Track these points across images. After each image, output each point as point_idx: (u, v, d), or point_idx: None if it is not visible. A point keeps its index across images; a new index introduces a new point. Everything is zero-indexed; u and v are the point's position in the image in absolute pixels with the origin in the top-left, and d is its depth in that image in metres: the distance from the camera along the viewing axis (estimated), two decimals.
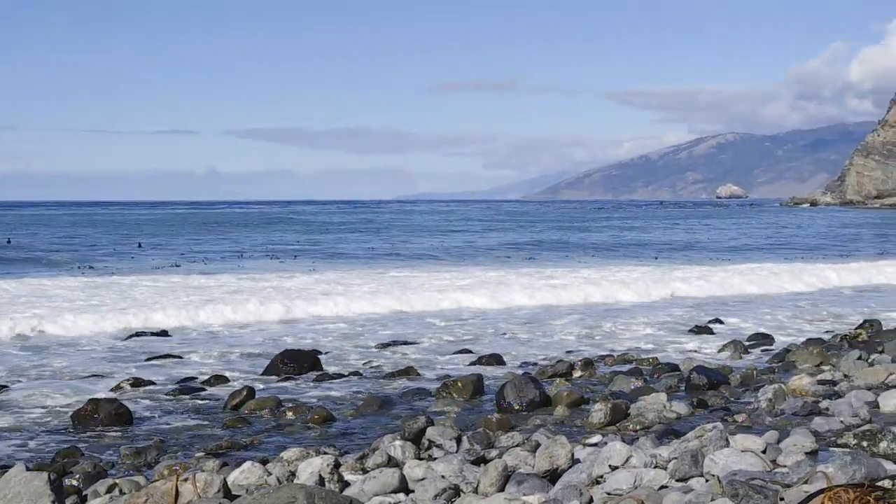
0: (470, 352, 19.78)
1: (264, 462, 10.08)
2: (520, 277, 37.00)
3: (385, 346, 20.72)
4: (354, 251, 56.60)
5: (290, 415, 13.85)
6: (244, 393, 14.71)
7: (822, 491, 5.94)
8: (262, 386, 16.23)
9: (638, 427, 12.16)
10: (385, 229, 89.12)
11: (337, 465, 9.49)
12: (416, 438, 10.87)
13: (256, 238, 71.98)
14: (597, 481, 8.72)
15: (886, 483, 7.35)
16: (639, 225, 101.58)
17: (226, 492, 8.73)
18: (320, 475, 9.21)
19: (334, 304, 27.57)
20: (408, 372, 17.26)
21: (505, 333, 22.84)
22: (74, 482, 10.17)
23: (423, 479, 9.03)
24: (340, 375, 17.22)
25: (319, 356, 18.75)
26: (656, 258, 51.06)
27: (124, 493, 9.25)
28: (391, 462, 10.02)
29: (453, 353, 19.81)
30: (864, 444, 9.52)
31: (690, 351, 19.84)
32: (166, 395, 15.60)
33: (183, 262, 47.23)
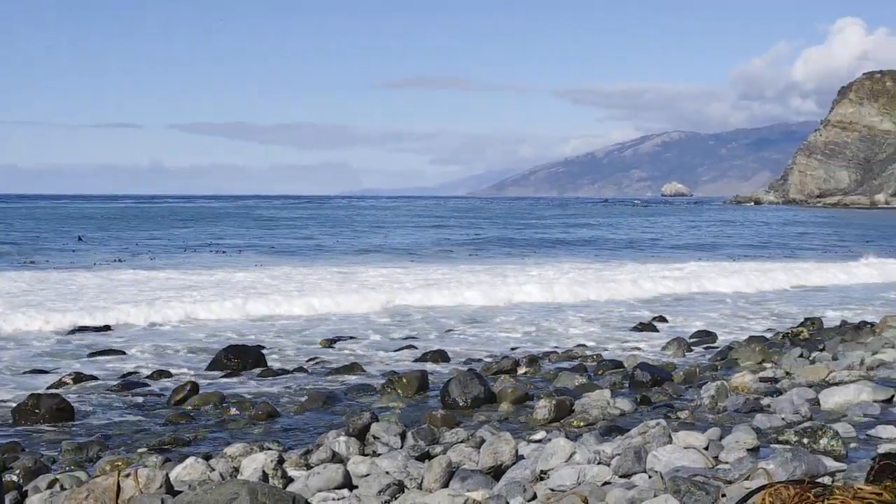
0: (415, 348, 19.79)
1: (207, 458, 10.03)
2: (466, 274, 37.06)
3: (330, 342, 20.65)
4: (300, 247, 56.40)
5: (233, 410, 13.78)
6: (188, 388, 14.61)
7: (762, 487, 5.99)
8: (205, 381, 16.12)
9: (582, 423, 12.21)
10: (331, 225, 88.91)
11: (281, 461, 9.47)
12: (361, 434, 10.86)
13: (202, 233, 71.55)
14: (541, 477, 8.75)
15: (826, 480, 7.43)
16: (586, 222, 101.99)
17: (168, 487, 8.68)
18: (264, 471, 9.18)
19: (280, 299, 27.45)
20: (352, 368, 17.23)
21: (450, 330, 22.83)
22: (14, 478, 10.05)
23: (367, 475, 9.02)
24: (285, 371, 17.16)
25: (264, 352, 18.68)
26: (596, 255, 51.31)
27: (65, 489, 9.16)
28: (335, 458, 10.00)
29: (398, 350, 19.80)
30: (805, 440, 9.63)
31: (634, 348, 19.94)
32: (109, 390, 15.46)
33: (127, 256, 46.89)
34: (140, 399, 14.85)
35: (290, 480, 9.22)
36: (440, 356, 18.56)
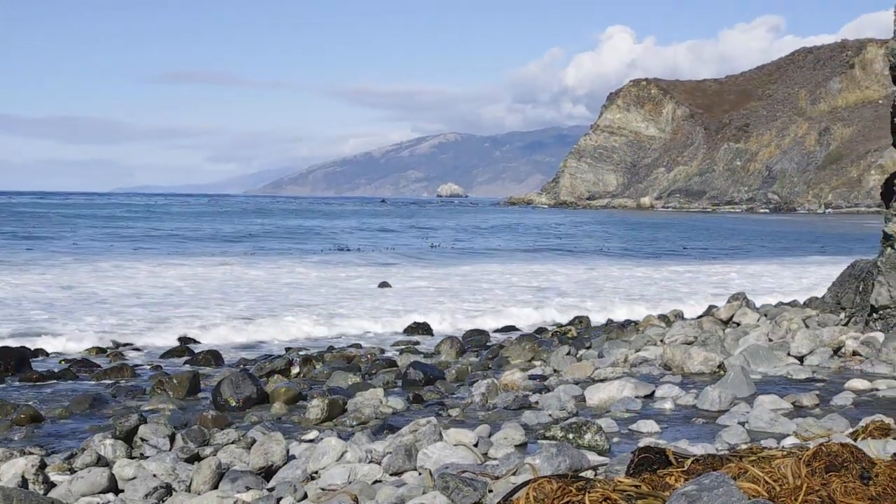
0: (189, 351, 19.40)
1: None
2: (239, 272, 36.74)
3: (100, 343, 20.07)
4: (64, 248, 54.58)
5: None
6: None
7: (527, 483, 6.11)
8: None
9: (354, 423, 12.24)
10: (98, 222, 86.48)
11: (43, 466, 9.18)
12: (128, 437, 10.64)
13: None
14: (312, 477, 8.73)
15: (589, 473, 7.64)
16: (361, 223, 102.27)
17: None
18: (24, 476, 8.88)
19: (45, 299, 26.60)
20: (122, 370, 16.82)
21: (224, 329, 22.43)
22: None
23: (133, 479, 8.83)
24: (51, 374, 16.61)
25: (28, 354, 18.03)
26: (356, 250, 51.52)
27: None
28: (101, 461, 9.76)
29: (170, 351, 19.40)
30: (571, 436, 9.87)
31: (408, 347, 20.10)
32: None
33: None
34: None
35: (53, 486, 8.95)
36: (213, 357, 18.32)
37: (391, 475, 8.51)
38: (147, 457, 9.94)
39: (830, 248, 63.08)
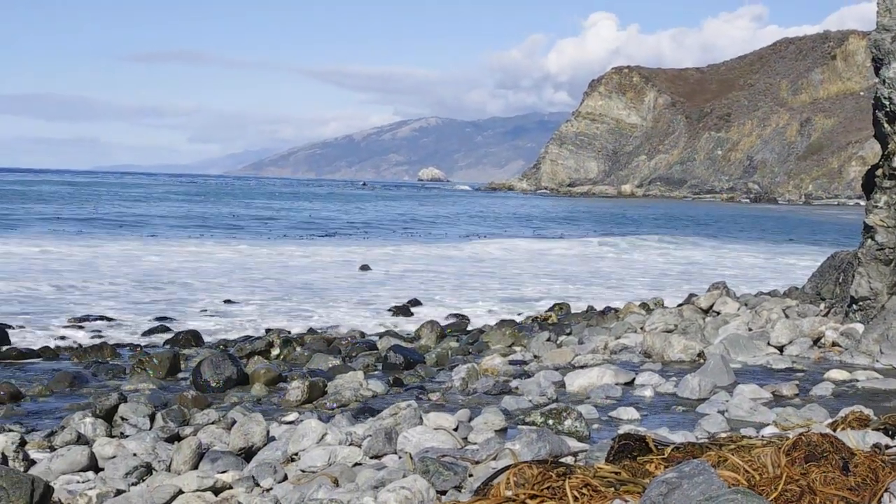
0: (168, 329, 19.38)
1: None
2: (216, 251, 36.69)
3: (79, 320, 20.03)
4: (38, 221, 54.46)
5: None
6: None
7: (507, 468, 6.14)
8: None
9: (335, 405, 12.25)
10: (72, 199, 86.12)
11: (23, 443, 9.16)
12: (108, 415, 10.62)
13: None
14: (292, 459, 8.74)
15: (569, 459, 7.67)
16: (341, 205, 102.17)
17: None
18: (3, 453, 8.87)
19: (16, 275, 26.49)
20: (102, 348, 16.79)
21: (205, 310, 22.46)
22: None
23: (113, 457, 8.82)
24: (31, 351, 16.57)
25: (8, 330, 17.98)
26: (353, 235, 51.50)
27: None
28: (81, 440, 9.75)
29: (151, 330, 19.37)
30: (551, 422, 9.88)
31: (388, 331, 20.09)
32: None
33: None
34: None
35: (33, 463, 8.94)
36: (193, 337, 18.28)
37: (371, 458, 8.53)
38: (127, 436, 9.94)
39: (811, 238, 63.23)
